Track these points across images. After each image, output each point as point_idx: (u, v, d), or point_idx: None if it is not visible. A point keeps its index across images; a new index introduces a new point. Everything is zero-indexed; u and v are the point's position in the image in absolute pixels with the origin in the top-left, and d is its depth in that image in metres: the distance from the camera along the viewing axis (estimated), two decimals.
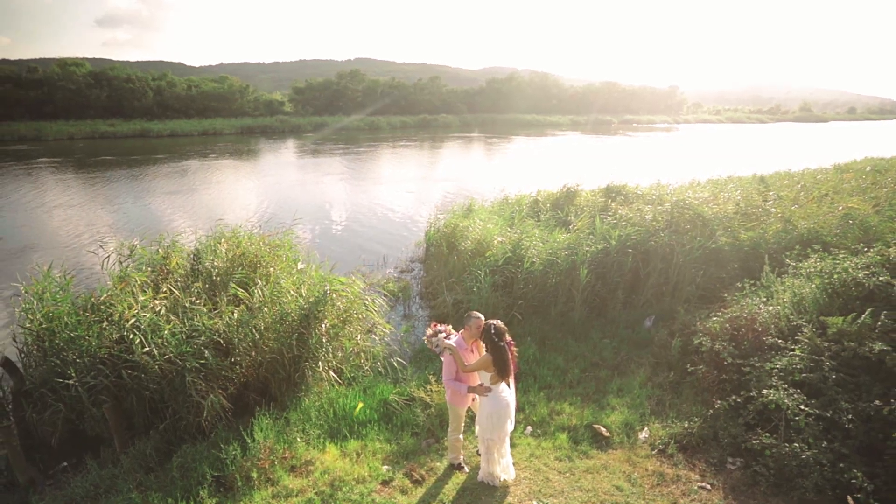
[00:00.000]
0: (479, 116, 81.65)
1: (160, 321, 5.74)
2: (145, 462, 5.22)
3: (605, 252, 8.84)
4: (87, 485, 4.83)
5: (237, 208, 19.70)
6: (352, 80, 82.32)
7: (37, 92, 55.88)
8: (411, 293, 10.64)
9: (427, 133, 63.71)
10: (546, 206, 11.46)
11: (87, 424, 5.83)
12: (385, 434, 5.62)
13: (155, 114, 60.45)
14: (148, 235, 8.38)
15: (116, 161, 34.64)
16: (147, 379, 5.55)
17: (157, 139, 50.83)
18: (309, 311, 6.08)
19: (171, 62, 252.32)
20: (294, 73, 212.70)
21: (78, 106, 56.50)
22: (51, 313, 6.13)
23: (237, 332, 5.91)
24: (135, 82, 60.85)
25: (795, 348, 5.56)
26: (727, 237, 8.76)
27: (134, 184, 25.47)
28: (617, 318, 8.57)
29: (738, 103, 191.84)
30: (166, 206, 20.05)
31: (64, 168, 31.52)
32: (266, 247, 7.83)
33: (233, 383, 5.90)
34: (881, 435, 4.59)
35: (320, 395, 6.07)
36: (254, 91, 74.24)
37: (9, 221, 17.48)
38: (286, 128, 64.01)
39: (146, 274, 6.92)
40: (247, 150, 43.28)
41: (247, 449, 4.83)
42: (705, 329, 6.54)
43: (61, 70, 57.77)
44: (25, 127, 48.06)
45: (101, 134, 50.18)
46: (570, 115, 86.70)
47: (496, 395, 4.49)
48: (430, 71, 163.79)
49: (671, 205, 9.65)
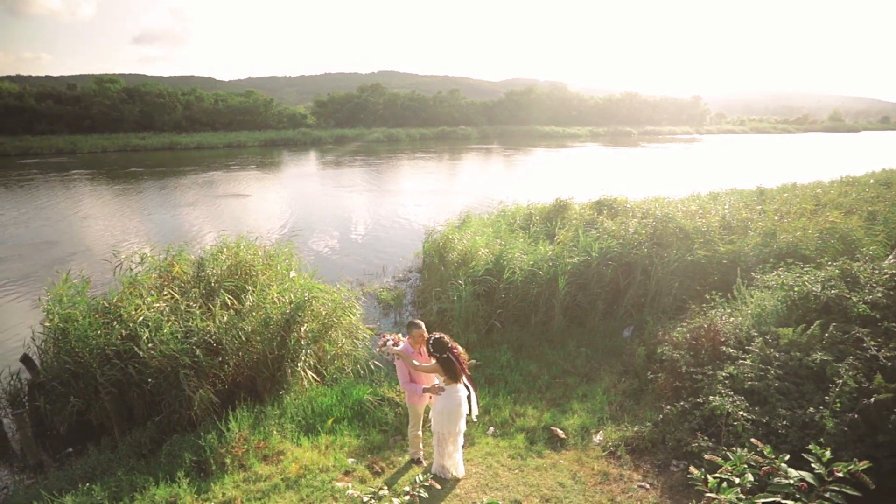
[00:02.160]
0: (497, 128, 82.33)
1: (161, 320, 6.35)
2: (139, 449, 5.78)
3: (587, 264, 9.15)
4: (86, 467, 5.40)
5: (256, 218, 20.59)
6: (373, 94, 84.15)
7: (75, 107, 59.04)
8: (404, 301, 11.12)
9: (446, 145, 64.57)
10: (536, 218, 11.82)
11: (92, 415, 6.46)
12: (356, 430, 6.07)
13: (183, 127, 63.04)
14: (172, 244, 9.02)
15: (146, 173, 36.35)
16: (147, 373, 6.15)
17: (185, 151, 52.97)
18: (290, 316, 6.60)
19: (202, 77, 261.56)
20: (319, 87, 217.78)
21: (112, 120, 59.41)
22: (67, 315, 6.82)
23: (226, 333, 6.47)
24: (165, 97, 63.66)
25: (747, 357, 5.81)
26: (706, 250, 8.98)
27: (162, 194, 26.79)
28: (596, 328, 8.86)
29: (764, 113, 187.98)
30: (191, 216, 21.08)
31: (97, 179, 33.29)
32: (261, 257, 8.42)
33: (221, 380, 6.46)
34: (822, 440, 4.82)
35: (301, 394, 6.56)
36: (278, 104, 76.62)
37: (45, 230, 18.72)
38: (308, 140, 65.79)
39: (152, 279, 7.58)
40: (269, 163, 44.76)
41: (223, 437, 5.34)
42: (669, 339, 6.81)
43: (98, 86, 60.94)
44: (63, 140, 50.83)
45: (132, 147, 52.61)
46: (589, 127, 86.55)
47: (450, 394, 4.89)
48: (451, 83, 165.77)
49: (654, 218, 9.91)
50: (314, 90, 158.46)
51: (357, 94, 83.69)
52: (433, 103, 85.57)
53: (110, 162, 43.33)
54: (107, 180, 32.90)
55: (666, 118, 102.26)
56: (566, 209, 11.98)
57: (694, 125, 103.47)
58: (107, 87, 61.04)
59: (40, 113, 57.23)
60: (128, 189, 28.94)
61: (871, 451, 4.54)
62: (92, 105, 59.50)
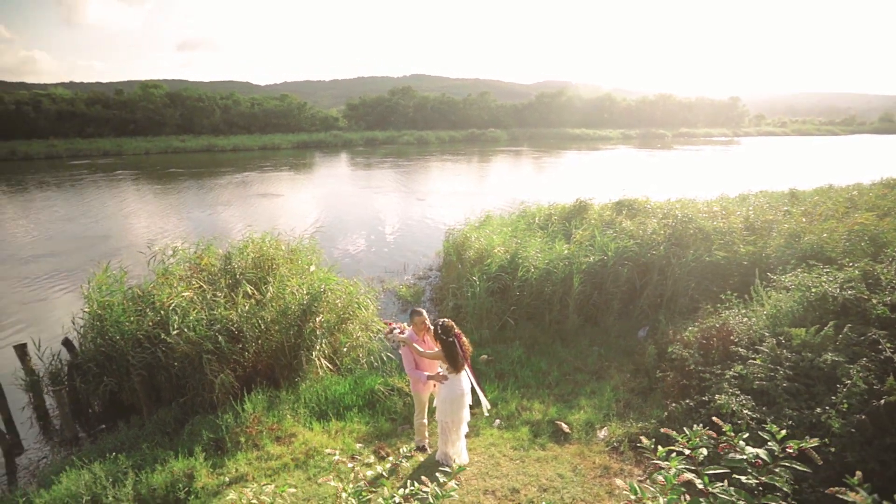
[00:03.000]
0: (527, 131, 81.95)
1: (188, 308, 6.76)
2: (164, 427, 6.17)
3: (602, 263, 9.14)
4: (115, 441, 5.82)
5: (287, 217, 21.24)
6: (403, 97, 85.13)
7: (121, 111, 62.11)
8: (422, 298, 11.33)
9: (475, 147, 64.72)
10: (555, 218, 11.83)
11: (123, 395, 6.92)
12: (366, 418, 6.30)
13: (221, 130, 65.38)
14: (202, 238, 9.50)
15: (185, 174, 37.95)
16: (174, 357, 6.56)
17: (222, 153, 54.93)
18: (307, 307, 6.89)
19: (240, 82, 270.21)
20: (352, 90, 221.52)
21: (155, 124, 62.22)
22: (104, 302, 7.33)
23: (247, 322, 6.82)
24: (204, 101, 66.19)
25: (757, 357, 5.74)
26: (726, 251, 8.83)
27: (199, 194, 27.97)
28: (611, 327, 8.84)
29: (809, 114, 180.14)
30: (225, 215, 21.94)
31: (140, 180, 35.00)
32: (283, 251, 8.79)
33: (241, 366, 6.81)
34: (826, 440, 4.74)
35: (316, 382, 6.84)
36: (311, 108, 78.48)
37: (93, 227, 19.88)
38: (339, 142, 67.09)
39: (182, 270, 8.05)
40: (302, 164, 45.96)
41: (238, 418, 5.65)
42: (680, 338, 6.77)
43: (142, 91, 63.94)
44: (110, 143, 53.59)
45: (173, 149, 54.93)
46: (621, 129, 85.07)
47: (453, 383, 5.04)
48: (482, 86, 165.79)
49: (673, 218, 9.80)
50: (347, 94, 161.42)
51: (388, 97, 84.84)
52: (463, 106, 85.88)
53: (152, 163, 45.41)
54: (149, 180, 34.54)
55: (701, 120, 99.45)
56: (586, 210, 11.95)
57: (731, 127, 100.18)
58: (151, 92, 63.99)
59: (90, 117, 60.48)
60: (168, 189, 30.31)
61: (879, 453, 4.45)
62: (137, 109, 62.48)
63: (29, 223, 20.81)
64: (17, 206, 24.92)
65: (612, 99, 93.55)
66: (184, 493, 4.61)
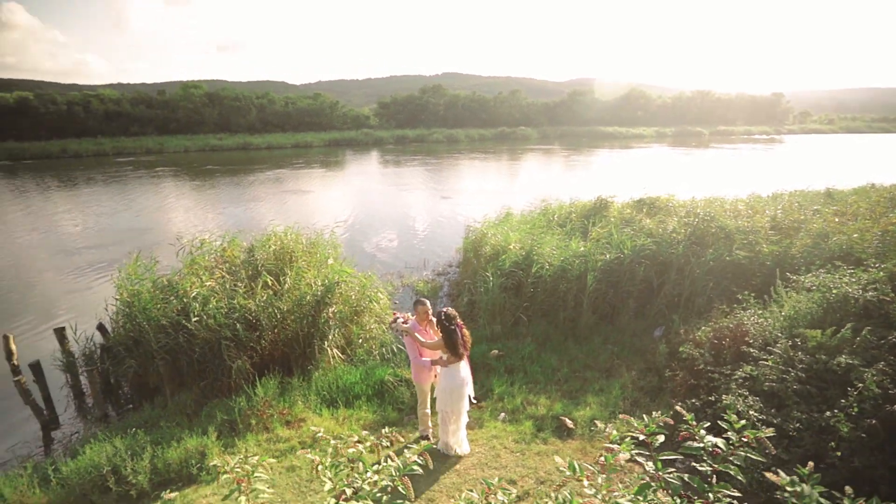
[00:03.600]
0: (558, 129, 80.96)
1: (209, 297, 7.09)
2: (184, 409, 6.52)
3: (619, 261, 9.03)
4: (139, 419, 6.19)
5: (315, 212, 21.78)
6: (434, 95, 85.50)
7: (163, 111, 64.80)
8: (440, 293, 11.46)
9: (504, 146, 64.41)
10: (574, 216, 11.74)
11: (149, 378, 7.32)
12: (374, 407, 6.46)
13: (256, 129, 67.30)
14: (227, 231, 9.88)
15: (221, 170, 39.31)
16: (195, 343, 6.90)
17: (256, 151, 56.58)
18: (321, 298, 7.12)
19: (276, 81, 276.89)
20: (385, 89, 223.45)
21: (195, 123, 64.62)
22: (133, 290, 7.75)
23: (264, 311, 7.10)
24: (241, 101, 68.27)
25: (769, 359, 5.60)
26: (748, 251, 8.58)
27: (234, 190, 28.97)
28: (626, 326, 8.73)
29: (860, 111, 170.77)
30: (257, 209, 22.66)
31: (179, 176, 36.48)
32: (303, 245, 9.06)
33: (258, 353, 7.09)
34: (832, 445, 4.60)
35: (328, 370, 7.06)
36: (343, 106, 79.83)
37: (135, 220, 20.91)
38: (370, 140, 68.00)
39: (206, 261, 8.42)
40: (333, 161, 46.87)
41: (251, 402, 5.91)
42: (693, 337, 6.66)
43: (183, 92, 66.50)
44: (152, 141, 56.03)
45: (210, 147, 56.93)
46: (655, 127, 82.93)
47: (453, 373, 5.15)
48: (514, 84, 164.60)
49: (694, 217, 9.59)
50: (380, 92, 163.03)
51: (419, 95, 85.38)
52: (493, 104, 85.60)
53: (191, 160, 47.20)
54: (188, 177, 35.95)
55: (742, 117, 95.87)
56: (606, 207, 11.81)
57: (774, 124, 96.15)
58: (191, 92, 66.48)
59: (135, 116, 63.36)
60: (205, 185, 31.50)
61: (890, 459, 4.30)
62: (178, 109, 65.05)
63: (77, 216, 22.05)
64: (67, 201, 26.42)
65: (646, 96, 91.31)
66: (196, 469, 4.89)
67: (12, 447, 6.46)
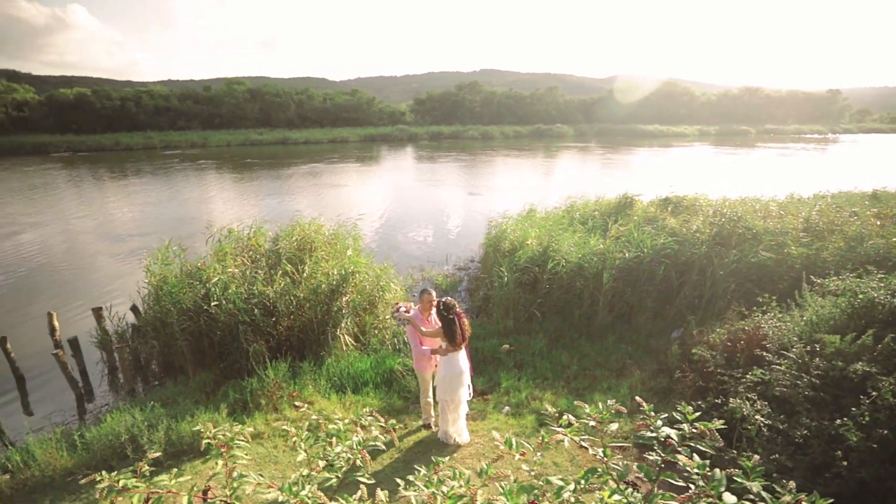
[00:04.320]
0: (595, 126, 79.35)
1: (229, 283, 7.42)
2: (204, 387, 6.85)
3: (638, 260, 8.86)
4: (161, 395, 6.57)
5: (347, 205, 22.17)
6: (470, 92, 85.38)
7: (208, 106, 67.45)
8: (459, 288, 11.53)
9: (540, 143, 63.69)
10: (596, 213, 11.55)
11: (174, 358, 7.74)
12: (381, 394, 6.62)
13: (295, 124, 69.10)
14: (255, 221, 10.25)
15: (260, 164, 40.64)
16: (216, 326, 7.24)
17: (294, 146, 58.11)
18: (335, 287, 7.33)
19: (317, 78, 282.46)
20: (422, 85, 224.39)
21: (237, 117, 66.95)
22: (161, 275, 8.19)
23: (281, 298, 7.37)
24: (281, 96, 70.20)
25: (782, 363, 5.40)
26: (775, 253, 8.26)
27: (272, 183, 29.91)
28: (642, 326, 8.57)
29: None
30: (292, 202, 23.32)
31: (221, 169, 37.96)
32: (324, 235, 9.32)
33: (274, 338, 7.37)
34: (839, 453, 4.42)
35: (340, 357, 7.27)
36: (379, 103, 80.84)
37: (179, 210, 21.95)
38: (405, 136, 68.61)
39: (232, 249, 8.79)
40: (368, 157, 47.62)
41: (263, 383, 6.18)
42: (706, 339, 6.49)
43: (227, 88, 68.99)
44: (197, 135, 58.48)
45: (251, 141, 58.86)
46: (698, 126, 80.00)
47: (451, 362, 5.23)
48: (553, 80, 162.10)
49: (720, 216, 9.29)
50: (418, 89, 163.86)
51: (455, 92, 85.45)
52: (530, 101, 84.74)
53: (232, 154, 48.98)
54: (229, 170, 37.36)
55: (793, 115, 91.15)
56: (631, 206, 11.57)
57: (828, 123, 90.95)
58: (234, 88, 68.88)
59: (181, 111, 66.25)
60: (245, 178, 32.66)
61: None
62: (222, 104, 67.57)
63: (126, 206, 23.34)
64: (118, 191, 27.99)
65: (689, 93, 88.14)
66: None
67: (49, 415, 6.99)
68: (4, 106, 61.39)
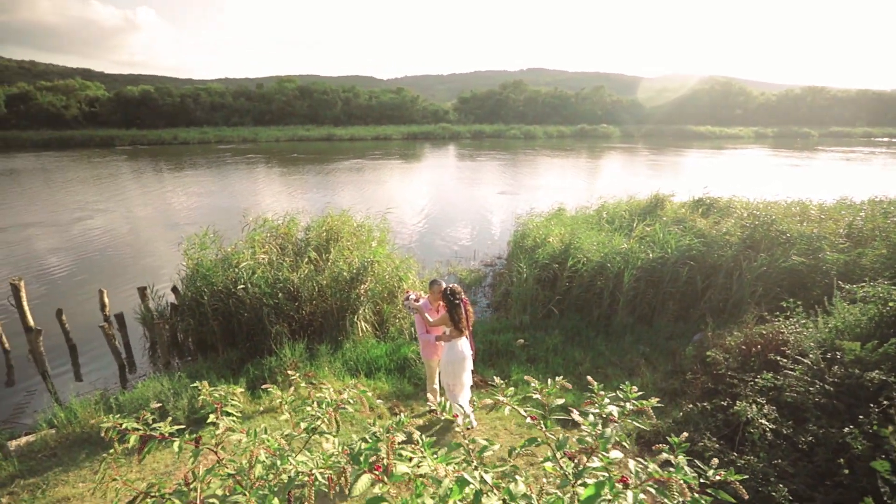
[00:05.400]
0: (642, 127, 76.99)
1: (256, 268, 7.88)
2: (230, 364, 7.33)
3: (662, 261, 8.70)
4: (193, 370, 7.08)
5: (385, 199, 22.77)
6: (514, 91, 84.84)
7: (260, 103, 70.33)
8: (483, 283, 11.65)
9: (584, 143, 62.50)
10: (624, 213, 11.36)
11: (206, 335, 8.28)
12: (393, 380, 6.86)
13: (341, 121, 70.94)
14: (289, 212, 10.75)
15: (306, 159, 42.08)
16: (243, 308, 7.71)
17: (339, 142, 59.71)
18: (355, 275, 7.63)
19: (365, 76, 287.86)
20: (468, 84, 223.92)
21: (286, 114, 69.48)
22: (197, 259, 8.77)
23: (304, 284, 7.75)
24: (329, 94, 72.24)
25: (796, 368, 5.23)
26: (806, 258, 7.91)
27: (316, 177, 30.95)
28: (663, 328, 8.41)
29: None
30: (334, 195, 24.06)
31: (269, 163, 39.59)
32: (350, 226, 9.68)
33: (297, 321, 7.77)
34: (841, 461, 4.26)
35: (358, 343, 7.57)
36: (423, 101, 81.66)
37: (228, 202, 23.16)
38: (447, 135, 69.00)
39: (263, 237, 9.29)
40: (409, 154, 48.34)
41: (280, 361, 6.55)
42: (722, 342, 6.34)
43: (278, 86, 71.65)
44: (248, 131, 61.19)
45: (298, 137, 60.97)
46: (755, 127, 76.08)
47: (454, 348, 5.39)
48: (603, 79, 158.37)
49: (753, 219, 8.96)
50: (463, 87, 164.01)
51: (498, 91, 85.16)
52: (575, 101, 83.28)
53: (281, 149, 50.91)
54: (277, 164, 38.91)
55: (862, 117, 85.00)
56: (661, 206, 11.31)
57: None
58: (285, 86, 71.50)
59: (235, 108, 69.45)
60: (291, 172, 33.97)
61: None
62: (273, 101, 70.32)
63: (181, 196, 24.84)
64: (174, 182, 29.77)
65: (746, 92, 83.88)
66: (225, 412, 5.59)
67: (94, 381, 7.67)
68: (79, 102, 66.38)
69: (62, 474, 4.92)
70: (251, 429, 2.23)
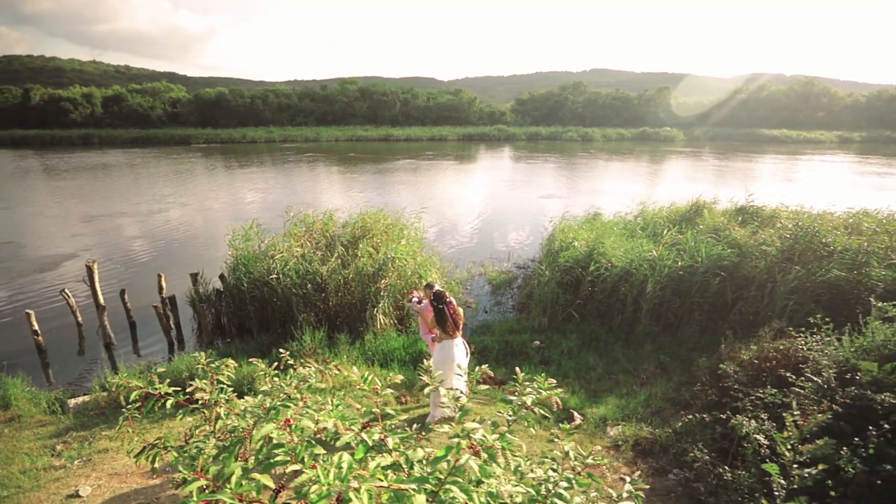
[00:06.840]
0: (709, 130, 73.01)
1: (288, 260, 8.49)
2: (262, 347, 7.96)
3: (691, 270, 8.46)
4: (229, 350, 7.79)
5: (429, 198, 23.29)
6: (573, 92, 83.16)
7: (323, 104, 73.48)
8: (512, 284, 11.76)
9: (644, 147, 60.16)
10: (659, 220, 11.04)
11: (245, 320, 9.01)
12: (405, 371, 7.19)
13: (399, 121, 72.64)
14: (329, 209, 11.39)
15: (363, 158, 43.62)
16: (276, 296, 8.35)
17: (396, 143, 61.21)
18: (377, 270, 8.04)
19: (426, 77, 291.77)
20: (529, 85, 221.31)
21: (347, 115, 72.13)
22: (240, 250, 9.53)
23: (332, 277, 8.27)
24: (388, 96, 74.19)
25: (806, 386, 5.02)
26: (850, 272, 7.44)
27: (372, 177, 32.07)
28: (686, 339, 8.19)
29: None
30: (386, 195, 24.81)
31: (328, 161, 41.42)
32: (383, 223, 10.12)
33: (323, 311, 8.30)
34: (829, 482, 4.09)
35: (377, 335, 7.98)
36: (480, 103, 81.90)
37: (288, 199, 24.54)
38: (502, 136, 68.86)
39: (301, 232, 9.94)
40: (464, 155, 48.81)
41: (300, 347, 7.06)
42: (735, 356, 6.15)
43: (341, 87, 74.46)
44: (311, 131, 64.19)
45: (357, 137, 63.15)
46: (839, 131, 70.00)
47: (444, 350, 5.61)
48: (669, 80, 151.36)
49: (796, 229, 8.51)
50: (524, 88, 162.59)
51: (557, 92, 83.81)
52: (637, 102, 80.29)
53: (340, 148, 53.01)
54: (336, 163, 40.64)
55: None
56: (700, 213, 10.92)
57: None
58: (347, 87, 74.24)
59: (299, 109, 72.99)
60: (348, 170, 35.44)
61: None
62: (335, 102, 73.26)
63: (248, 191, 26.65)
64: (242, 178, 31.95)
65: (830, 93, 77.25)
66: (247, 388, 6.14)
67: (146, 355, 8.60)
68: (163, 103, 72.38)
69: (106, 430, 5.67)
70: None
